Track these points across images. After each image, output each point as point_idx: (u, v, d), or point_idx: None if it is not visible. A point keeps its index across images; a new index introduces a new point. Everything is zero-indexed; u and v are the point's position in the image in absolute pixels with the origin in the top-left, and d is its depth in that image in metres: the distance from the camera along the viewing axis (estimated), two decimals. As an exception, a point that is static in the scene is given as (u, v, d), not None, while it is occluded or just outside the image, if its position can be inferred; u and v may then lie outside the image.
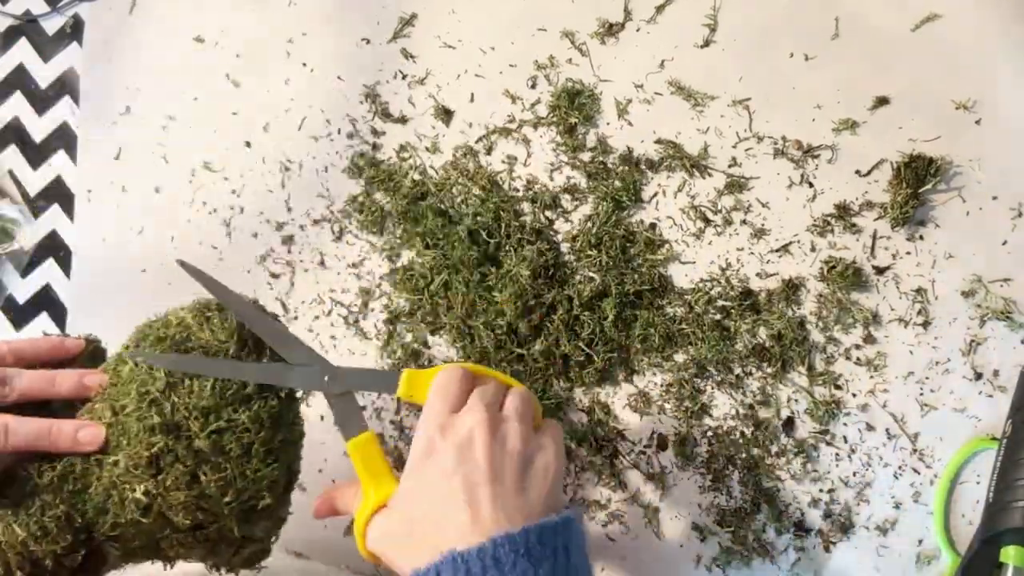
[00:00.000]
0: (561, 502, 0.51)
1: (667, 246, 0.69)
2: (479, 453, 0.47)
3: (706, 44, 0.70)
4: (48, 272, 0.78)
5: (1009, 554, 0.57)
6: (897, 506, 0.64)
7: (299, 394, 0.54)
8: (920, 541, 0.64)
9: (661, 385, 0.68)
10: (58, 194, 0.78)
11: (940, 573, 0.63)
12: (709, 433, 0.66)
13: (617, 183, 0.69)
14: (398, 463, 0.69)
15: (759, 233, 0.68)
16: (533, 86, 0.72)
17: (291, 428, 0.52)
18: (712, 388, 0.67)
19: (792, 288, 0.67)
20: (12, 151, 0.79)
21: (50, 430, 0.48)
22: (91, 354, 0.54)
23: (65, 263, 0.78)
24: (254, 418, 0.49)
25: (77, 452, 0.48)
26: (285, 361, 0.52)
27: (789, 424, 0.66)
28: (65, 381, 0.50)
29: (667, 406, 0.67)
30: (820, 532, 0.65)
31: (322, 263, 0.73)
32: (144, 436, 0.47)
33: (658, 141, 0.70)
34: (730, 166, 0.69)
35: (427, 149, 0.73)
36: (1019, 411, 0.61)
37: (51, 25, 0.80)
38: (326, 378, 0.52)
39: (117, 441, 0.48)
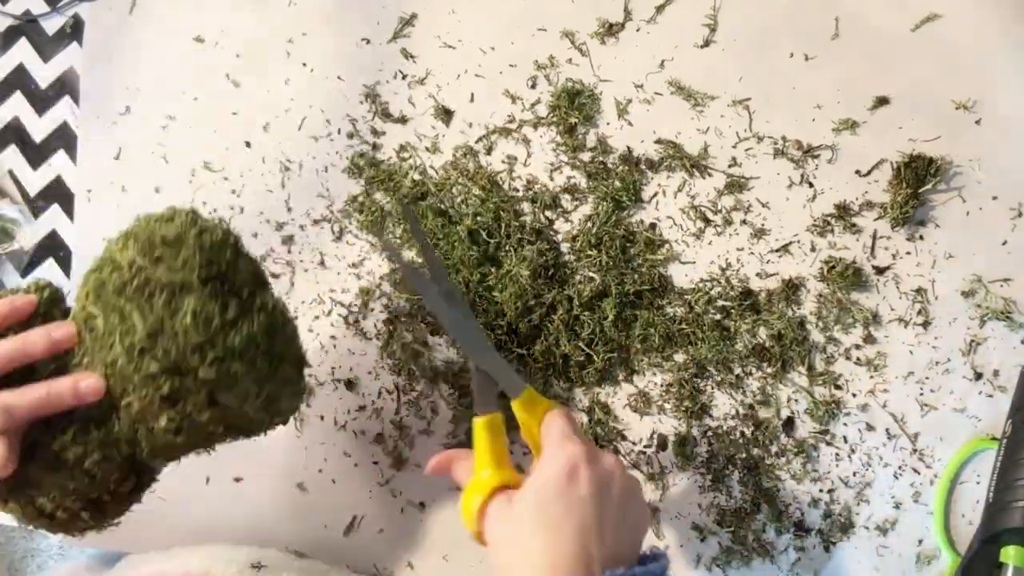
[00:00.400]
0: (646, 533, 0.53)
1: (667, 246, 0.69)
2: (617, 488, 0.49)
3: (706, 44, 0.70)
4: (48, 272, 0.78)
5: (1009, 554, 0.57)
6: (897, 506, 0.64)
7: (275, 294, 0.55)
8: (920, 541, 0.64)
9: (661, 385, 0.68)
10: (58, 194, 0.78)
11: (940, 573, 0.63)
12: (709, 433, 0.67)
13: (617, 183, 0.69)
14: (397, 462, 0.69)
15: (759, 233, 0.68)
16: (533, 86, 0.72)
17: (284, 327, 0.53)
18: (712, 388, 0.67)
19: (792, 288, 0.67)
20: (12, 151, 0.79)
21: (48, 392, 0.48)
22: (49, 300, 0.53)
23: (65, 263, 0.78)
24: (249, 339, 0.49)
25: (83, 404, 0.48)
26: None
27: (789, 424, 0.66)
28: (37, 342, 0.49)
29: (667, 406, 0.67)
30: (820, 532, 0.65)
31: (322, 263, 0.73)
32: (149, 382, 0.47)
33: (658, 141, 0.70)
34: (730, 166, 0.69)
35: (427, 149, 0.73)
36: (1019, 411, 0.61)
37: (51, 25, 0.80)
38: (489, 344, 0.56)
39: (122, 389, 0.48)
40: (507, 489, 0.50)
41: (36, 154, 0.79)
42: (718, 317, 0.67)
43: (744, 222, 0.68)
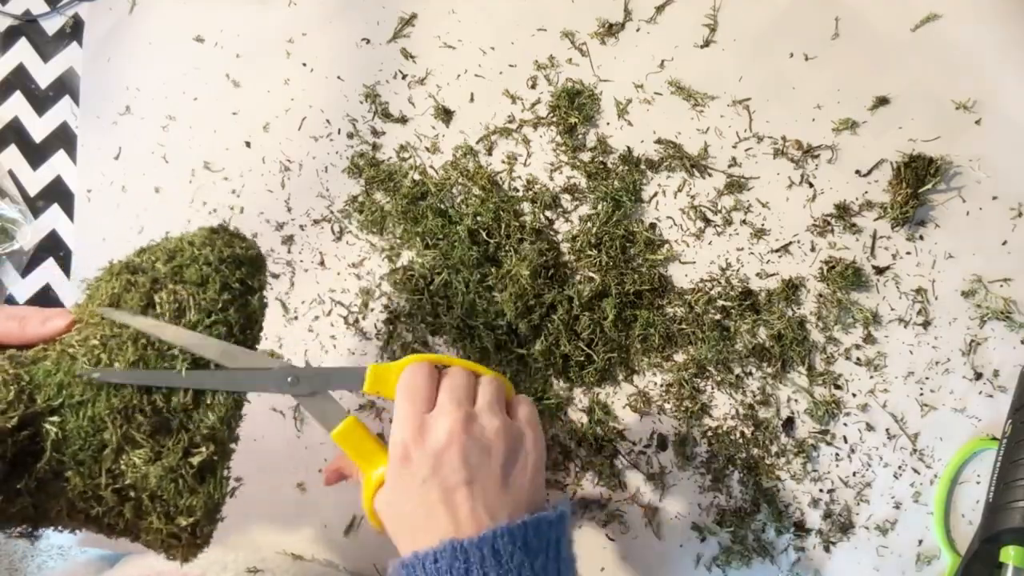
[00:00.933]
0: (543, 489, 0.52)
1: (667, 246, 0.69)
2: (455, 457, 0.47)
3: (706, 44, 0.70)
4: (48, 272, 0.78)
5: (1009, 554, 0.57)
6: (897, 506, 0.64)
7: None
8: (920, 541, 0.64)
9: (661, 385, 0.68)
10: (58, 194, 0.78)
11: (940, 573, 0.63)
12: (709, 433, 0.67)
13: (617, 183, 0.69)
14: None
15: (759, 233, 0.68)
16: (533, 86, 0.72)
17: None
18: (712, 388, 0.67)
19: (792, 288, 0.67)
20: (12, 151, 0.79)
21: (20, 317, 0.48)
22: None
23: (65, 263, 0.78)
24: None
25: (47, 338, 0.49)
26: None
27: (789, 424, 0.66)
28: (32, 323, 0.49)
29: (667, 406, 0.67)
30: (820, 532, 0.65)
31: (322, 263, 0.73)
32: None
33: (658, 141, 0.70)
34: (730, 166, 0.69)
35: (427, 149, 0.73)
36: (1019, 411, 0.61)
37: (51, 25, 0.80)
38: (289, 380, 0.51)
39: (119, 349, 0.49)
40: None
41: (36, 154, 0.79)
42: (718, 317, 0.67)
43: (744, 222, 0.68)
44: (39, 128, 0.79)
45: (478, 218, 0.70)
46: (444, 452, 0.47)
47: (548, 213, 0.71)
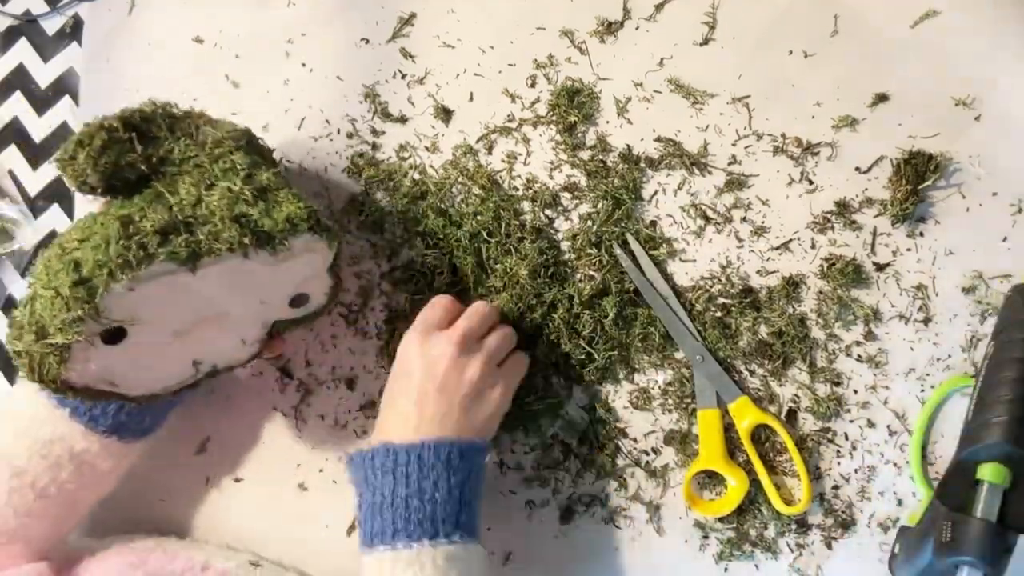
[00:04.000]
0: (493, 431, 0.61)
1: (667, 244, 0.69)
2: (439, 371, 0.58)
3: (705, 42, 0.70)
4: (48, 272, 0.78)
5: (985, 471, 0.56)
6: (899, 503, 0.64)
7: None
8: (922, 538, 0.63)
9: (662, 383, 0.68)
10: (58, 194, 0.78)
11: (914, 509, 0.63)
12: (710, 431, 0.66)
13: (617, 181, 0.69)
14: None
15: (759, 230, 0.68)
16: (532, 85, 0.73)
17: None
18: (713, 386, 0.67)
19: (793, 285, 0.67)
20: (12, 151, 0.79)
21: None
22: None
23: (65, 263, 0.78)
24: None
25: None
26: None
27: (791, 417, 0.66)
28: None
29: (668, 403, 0.67)
30: (822, 529, 0.65)
31: (322, 262, 0.73)
32: None
33: (658, 139, 0.70)
34: (730, 164, 0.69)
35: (427, 149, 0.73)
36: (1001, 332, 0.60)
37: (51, 25, 0.80)
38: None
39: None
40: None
41: (36, 154, 0.79)
42: (719, 315, 0.67)
43: (744, 220, 0.68)
44: (39, 128, 0.79)
45: (478, 217, 0.70)
46: (434, 364, 0.58)
47: (548, 212, 0.71)
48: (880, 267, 0.66)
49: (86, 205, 0.78)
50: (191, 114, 0.60)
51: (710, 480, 0.67)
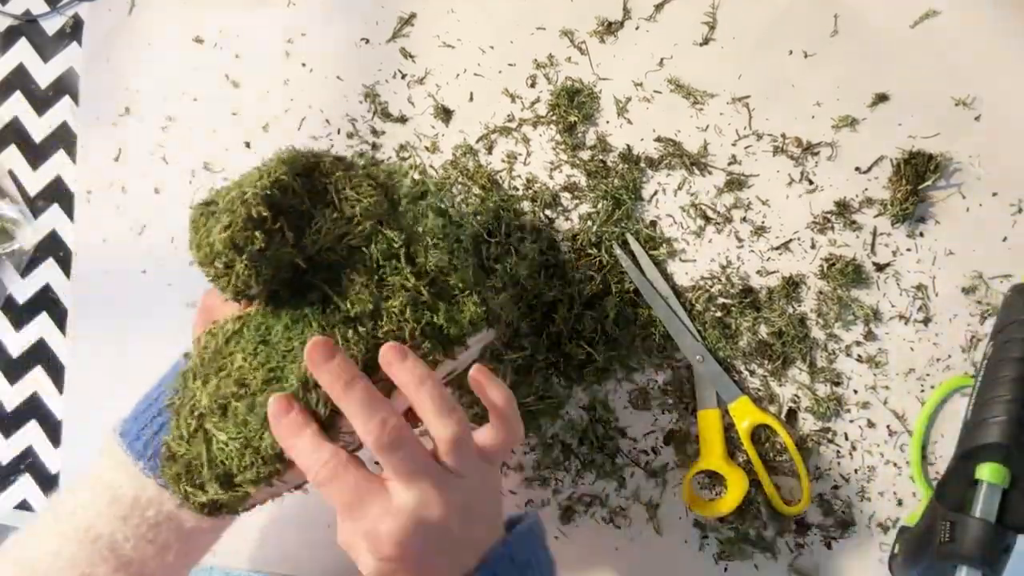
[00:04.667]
0: (501, 515, 0.51)
1: (667, 244, 0.69)
2: (410, 560, 0.45)
3: (705, 42, 0.70)
4: (48, 272, 0.78)
5: (984, 471, 0.56)
6: (899, 503, 0.64)
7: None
8: (922, 538, 0.63)
9: (662, 383, 0.68)
10: (58, 194, 0.78)
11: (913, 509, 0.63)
12: (710, 431, 0.66)
13: (617, 181, 0.69)
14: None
15: (759, 230, 0.68)
16: (532, 85, 0.73)
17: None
18: (713, 386, 0.67)
19: (792, 285, 0.67)
20: (12, 151, 0.79)
21: None
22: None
23: (65, 263, 0.78)
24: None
25: None
26: None
27: (791, 418, 0.66)
28: None
29: (668, 403, 0.67)
30: (821, 529, 0.65)
31: (322, 262, 0.73)
32: None
33: (658, 139, 0.70)
34: (730, 164, 0.69)
35: (427, 149, 0.73)
36: (1000, 332, 0.60)
37: (51, 25, 0.80)
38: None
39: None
40: None
41: (36, 154, 0.79)
42: (719, 315, 0.67)
43: (744, 220, 0.68)
44: (39, 128, 0.79)
45: (478, 217, 0.70)
46: (401, 559, 0.45)
47: (548, 212, 0.71)
48: (880, 267, 0.66)
49: (88, 206, 0.78)
50: (320, 159, 0.51)
51: (710, 480, 0.67)
